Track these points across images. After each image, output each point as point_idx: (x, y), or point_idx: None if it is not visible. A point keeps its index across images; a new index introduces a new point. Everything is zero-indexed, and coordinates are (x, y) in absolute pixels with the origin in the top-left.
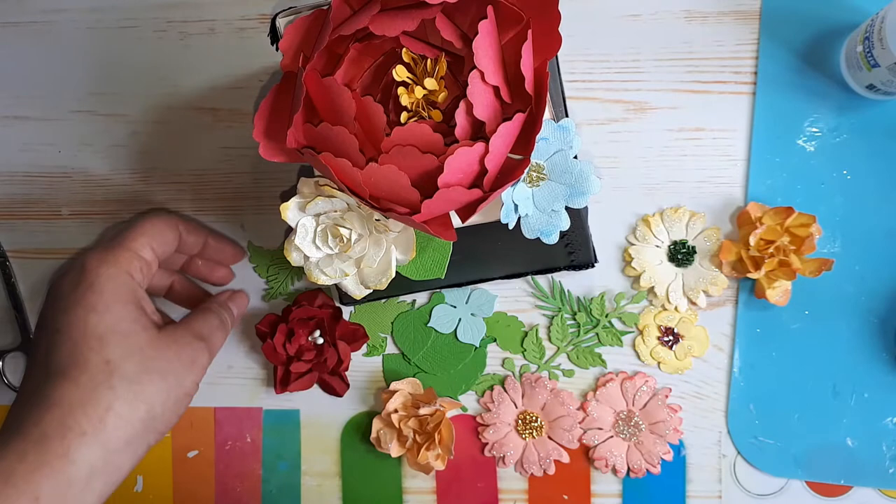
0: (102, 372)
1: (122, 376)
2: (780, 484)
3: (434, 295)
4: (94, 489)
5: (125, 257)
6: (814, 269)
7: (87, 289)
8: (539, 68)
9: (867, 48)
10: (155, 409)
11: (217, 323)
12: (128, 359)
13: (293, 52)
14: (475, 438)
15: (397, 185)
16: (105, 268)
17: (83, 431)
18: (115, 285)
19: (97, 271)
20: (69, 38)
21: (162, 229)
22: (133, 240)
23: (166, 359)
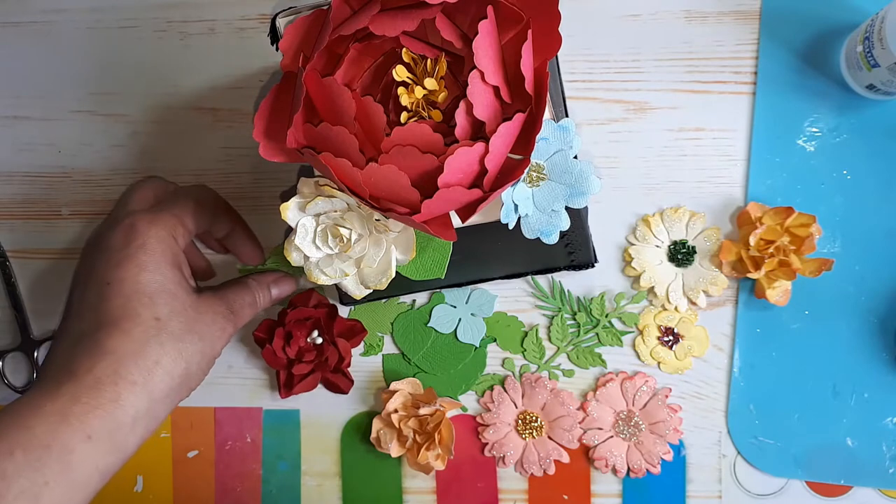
0: (153, 327)
1: (170, 333)
2: (781, 484)
3: (434, 295)
4: (136, 433)
5: (172, 223)
6: (814, 269)
7: (139, 248)
8: (539, 68)
9: (867, 48)
10: (192, 368)
11: (250, 300)
12: (174, 317)
13: (293, 52)
14: (475, 438)
15: (397, 185)
16: (155, 230)
17: (134, 381)
18: (164, 247)
19: (148, 232)
20: (69, 38)
21: (206, 202)
22: (182, 207)
23: (205, 322)
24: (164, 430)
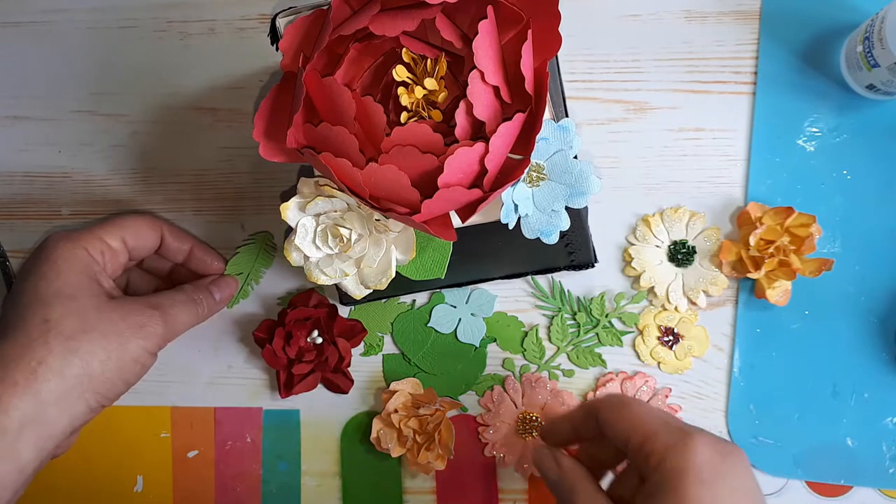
0: (38, 329)
1: (58, 332)
2: (780, 484)
3: (434, 295)
4: (26, 439)
5: (86, 238)
6: (814, 269)
7: (44, 260)
8: (539, 68)
9: (867, 48)
10: (92, 367)
11: (182, 298)
12: (67, 317)
13: (293, 52)
14: (475, 438)
15: (397, 185)
16: (64, 243)
17: (14, 382)
18: (70, 257)
19: (55, 245)
20: (69, 38)
21: (139, 226)
22: (101, 227)
23: (110, 320)
24: (165, 431)
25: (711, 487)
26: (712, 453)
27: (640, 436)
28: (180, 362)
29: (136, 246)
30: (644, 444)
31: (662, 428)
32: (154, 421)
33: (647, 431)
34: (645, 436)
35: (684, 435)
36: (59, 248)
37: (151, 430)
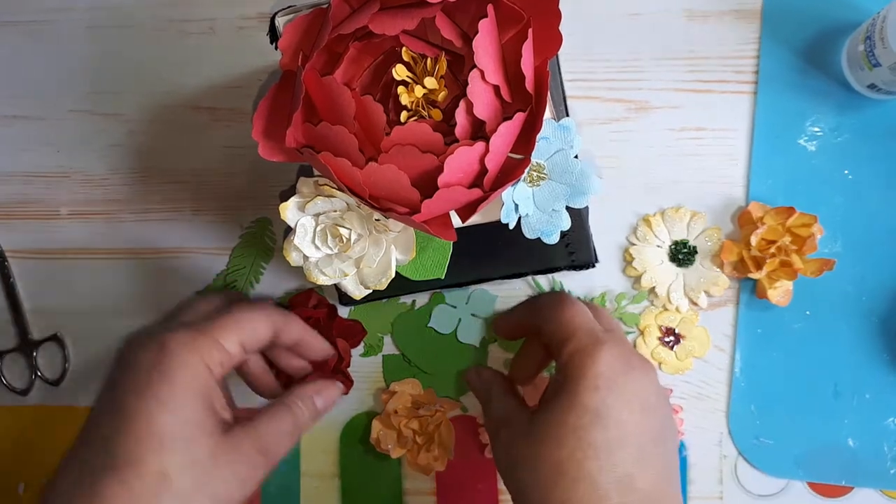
0: (157, 483)
1: (175, 493)
2: (782, 485)
3: (434, 295)
4: None
5: (207, 347)
6: (815, 270)
7: (163, 376)
8: (539, 67)
9: (868, 47)
10: None
11: (289, 429)
12: (185, 472)
13: (292, 51)
14: (475, 439)
15: (397, 184)
16: (185, 355)
17: None
18: (191, 377)
19: (177, 358)
20: (68, 37)
21: (257, 326)
22: (223, 328)
23: (223, 478)
24: None
25: (603, 393)
26: (615, 363)
27: (561, 336)
28: None
29: (251, 347)
30: (562, 345)
31: (582, 331)
32: None
33: (569, 332)
34: (565, 336)
35: (595, 342)
36: (180, 362)
37: None
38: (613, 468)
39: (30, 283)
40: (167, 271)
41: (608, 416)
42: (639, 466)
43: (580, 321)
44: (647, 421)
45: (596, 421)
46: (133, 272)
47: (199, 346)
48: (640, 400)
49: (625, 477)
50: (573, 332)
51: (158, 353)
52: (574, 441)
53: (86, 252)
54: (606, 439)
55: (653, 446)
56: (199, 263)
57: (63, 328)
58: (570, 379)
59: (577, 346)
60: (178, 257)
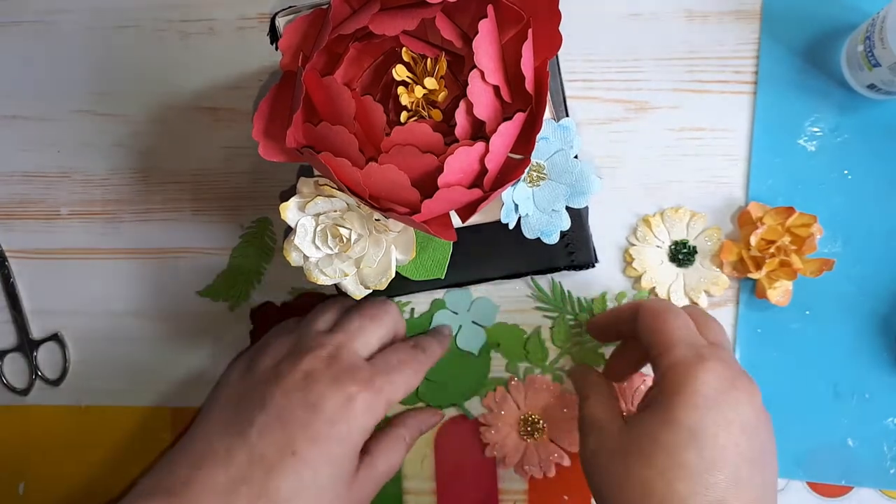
0: None
1: None
2: (781, 484)
3: (434, 301)
4: None
5: (383, 410)
6: (815, 270)
7: (343, 435)
8: (539, 67)
9: (868, 48)
10: None
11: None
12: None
13: (293, 52)
14: (476, 438)
15: (397, 184)
16: (366, 419)
17: None
18: (361, 438)
19: (359, 420)
20: (69, 37)
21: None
22: (397, 392)
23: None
24: (164, 432)
25: (702, 413)
26: (718, 382)
27: (660, 347)
28: (180, 362)
29: None
30: (660, 357)
31: (682, 344)
32: (154, 421)
33: (668, 344)
34: (664, 348)
35: (697, 358)
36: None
37: (150, 430)
38: (706, 492)
39: (30, 282)
40: (168, 271)
41: (704, 437)
42: (733, 492)
43: (682, 334)
44: (747, 444)
45: (691, 441)
46: (133, 272)
47: (379, 408)
48: (741, 422)
49: (717, 501)
50: (673, 345)
51: (346, 407)
52: (665, 460)
53: (86, 252)
54: (701, 461)
55: (750, 472)
56: (200, 263)
57: (63, 328)
58: (667, 394)
59: (677, 360)
60: (179, 257)
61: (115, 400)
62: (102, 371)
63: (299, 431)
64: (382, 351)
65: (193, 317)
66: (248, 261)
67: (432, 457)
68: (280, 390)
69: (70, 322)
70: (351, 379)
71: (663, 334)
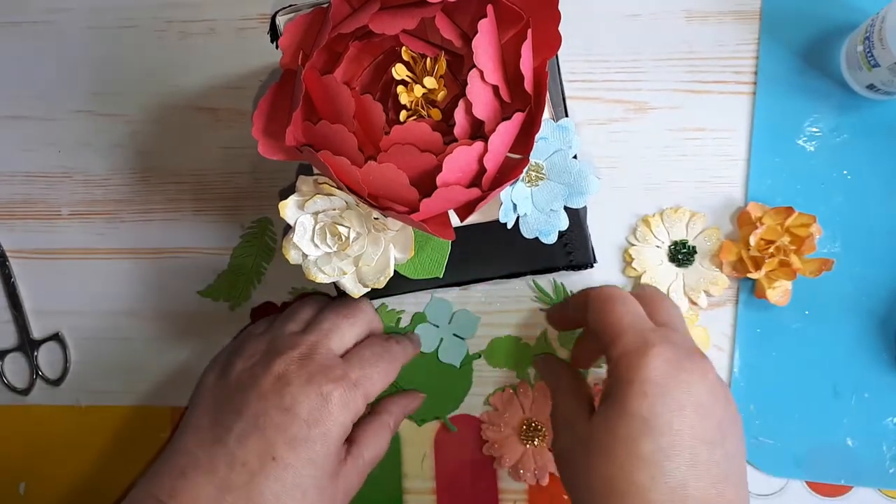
0: None
1: None
2: (781, 484)
3: (415, 315)
4: None
5: (361, 406)
6: (814, 270)
7: (321, 436)
8: (538, 68)
9: (867, 48)
10: None
11: (386, 445)
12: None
13: (293, 50)
14: (477, 438)
15: (396, 183)
16: (345, 417)
17: None
18: (341, 435)
19: (338, 419)
20: (69, 37)
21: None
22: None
23: None
24: (164, 432)
25: (651, 402)
26: (666, 367)
27: (608, 337)
28: (180, 362)
29: None
30: (610, 346)
31: (629, 332)
32: (154, 421)
33: (615, 333)
34: (612, 338)
35: (644, 344)
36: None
37: (150, 430)
38: (665, 478)
39: (31, 282)
40: (168, 271)
41: (658, 425)
42: (693, 473)
43: (629, 321)
44: (701, 425)
45: (645, 431)
46: (134, 272)
47: (355, 405)
48: (693, 403)
49: (678, 486)
50: (621, 333)
51: (322, 407)
52: (624, 454)
53: (87, 252)
54: (658, 449)
55: (708, 451)
56: (200, 263)
57: (64, 328)
58: (619, 385)
59: (625, 350)
60: (180, 257)
61: (115, 400)
62: (103, 371)
63: (278, 436)
64: (356, 346)
65: (194, 317)
66: (248, 261)
67: (432, 456)
68: (255, 395)
69: (71, 322)
70: (325, 377)
71: (611, 324)
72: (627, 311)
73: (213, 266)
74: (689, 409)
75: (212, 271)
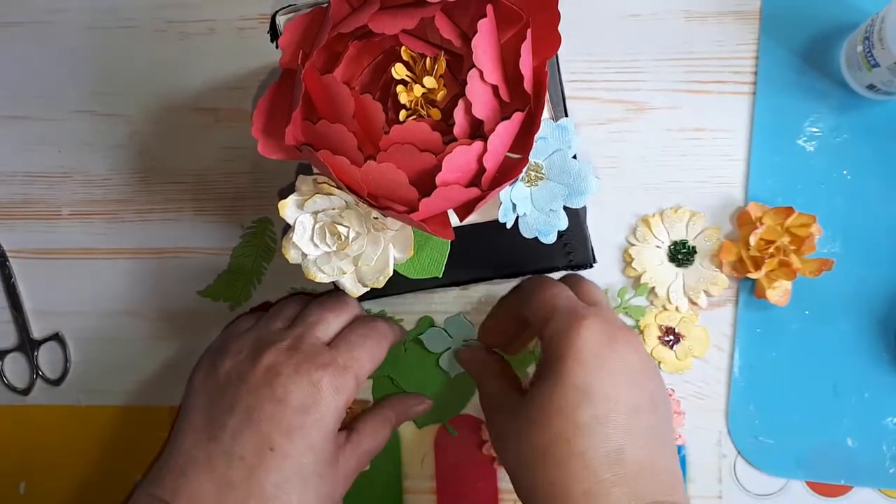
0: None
1: None
2: (781, 484)
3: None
4: None
5: (353, 388)
6: (814, 270)
7: (316, 422)
8: (538, 67)
9: (867, 48)
10: None
11: (384, 441)
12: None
13: (292, 50)
14: (476, 436)
15: (395, 183)
16: (337, 401)
17: None
18: (336, 421)
19: (330, 404)
20: (69, 37)
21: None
22: (363, 367)
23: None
24: (164, 432)
25: (586, 372)
26: (599, 337)
27: (542, 316)
28: (180, 362)
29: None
30: (544, 325)
31: (558, 310)
32: (153, 421)
33: (549, 312)
34: (546, 316)
35: (576, 318)
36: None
37: (150, 430)
38: (603, 443)
39: (31, 282)
40: (168, 271)
41: (594, 393)
42: (629, 438)
43: (560, 301)
44: (635, 392)
45: (582, 400)
46: (134, 272)
47: (346, 388)
48: (626, 372)
49: (614, 450)
50: (553, 312)
51: (313, 394)
52: (561, 422)
53: (87, 252)
54: (594, 416)
55: (642, 417)
56: (200, 263)
57: (64, 328)
58: (554, 359)
59: (559, 326)
60: (180, 257)
61: (115, 400)
62: (103, 371)
63: (272, 427)
64: (342, 331)
65: (194, 317)
66: (248, 261)
67: (432, 456)
68: (245, 390)
69: (71, 322)
70: (313, 365)
71: (543, 305)
72: (559, 293)
73: (213, 266)
74: (622, 378)
75: (212, 271)
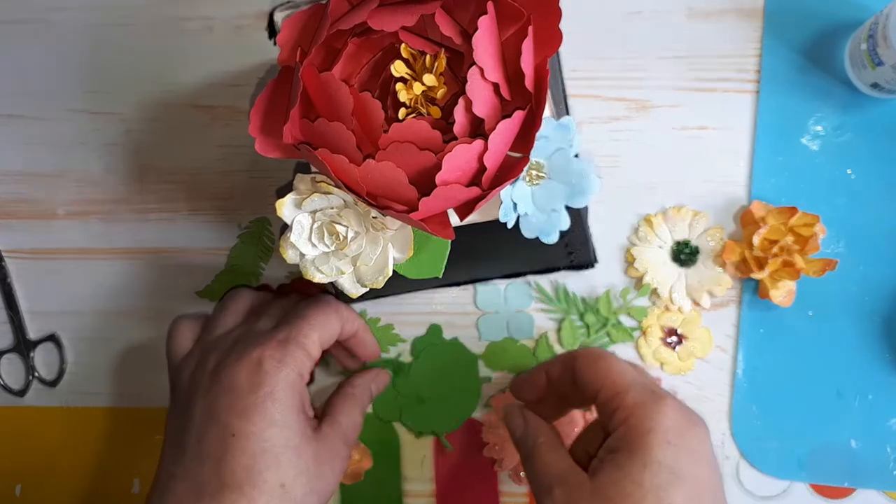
0: (279, 496)
1: (293, 500)
2: (784, 486)
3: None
4: None
5: (299, 357)
6: (818, 270)
7: (268, 396)
8: (539, 65)
9: (871, 46)
10: None
11: (360, 419)
12: (298, 479)
13: (290, 47)
14: (478, 439)
15: (395, 182)
16: (285, 372)
17: None
18: (291, 392)
19: (278, 375)
20: (64, 36)
21: (330, 321)
22: (306, 336)
23: (324, 476)
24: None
25: (675, 450)
26: (679, 419)
27: (610, 390)
28: None
29: (327, 344)
30: (613, 399)
31: (634, 386)
32: (151, 423)
33: (618, 387)
34: (615, 391)
35: (655, 397)
36: (280, 378)
37: (149, 432)
38: None
39: (27, 283)
40: (165, 271)
41: (684, 474)
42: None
43: (627, 374)
44: (714, 475)
45: (673, 479)
46: (130, 272)
47: (291, 359)
48: (706, 454)
49: None
50: (625, 387)
51: (257, 372)
52: (654, 502)
53: (83, 252)
54: (686, 498)
55: (720, 500)
56: (197, 263)
57: (60, 328)
58: (636, 435)
59: (638, 400)
60: (176, 257)
61: (112, 401)
62: (100, 372)
63: (229, 415)
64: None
65: None
66: (246, 261)
67: (432, 458)
68: (200, 395)
69: (67, 322)
70: (251, 348)
71: (611, 377)
72: (626, 368)
73: (211, 266)
74: (703, 459)
75: (209, 271)
